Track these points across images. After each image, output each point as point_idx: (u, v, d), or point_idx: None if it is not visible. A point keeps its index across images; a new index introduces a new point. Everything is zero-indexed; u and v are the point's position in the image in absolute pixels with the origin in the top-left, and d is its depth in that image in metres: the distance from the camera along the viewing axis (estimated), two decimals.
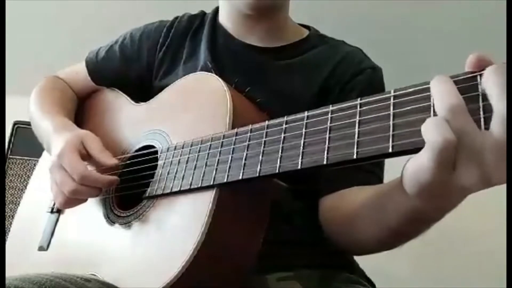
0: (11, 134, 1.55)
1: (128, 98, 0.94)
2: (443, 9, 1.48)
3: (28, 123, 1.01)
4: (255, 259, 0.66)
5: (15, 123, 1.55)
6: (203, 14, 0.99)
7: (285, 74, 0.87)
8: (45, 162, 1.02)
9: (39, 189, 0.98)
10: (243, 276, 0.66)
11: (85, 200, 0.78)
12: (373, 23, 1.56)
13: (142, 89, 0.94)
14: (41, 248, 0.86)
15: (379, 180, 0.80)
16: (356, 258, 0.84)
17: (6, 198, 1.47)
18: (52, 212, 0.89)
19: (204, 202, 0.62)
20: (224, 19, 0.94)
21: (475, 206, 0.60)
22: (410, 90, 0.45)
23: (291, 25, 0.96)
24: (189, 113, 0.75)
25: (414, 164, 0.45)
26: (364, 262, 0.83)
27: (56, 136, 0.83)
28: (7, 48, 1.23)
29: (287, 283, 0.73)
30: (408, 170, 0.46)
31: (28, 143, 1.42)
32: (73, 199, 0.77)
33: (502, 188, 0.42)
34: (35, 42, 1.78)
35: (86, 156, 0.79)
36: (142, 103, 0.90)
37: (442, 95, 0.42)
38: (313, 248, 0.78)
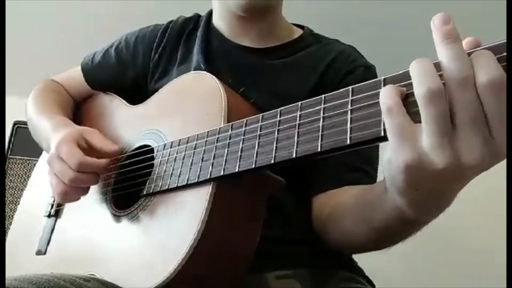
0: (11, 134, 1.56)
1: (124, 101, 0.94)
2: (441, 8, 1.48)
3: None
4: (253, 255, 0.65)
5: (15, 123, 1.56)
6: (197, 16, 0.99)
7: (279, 74, 0.87)
8: (42, 165, 1.02)
9: (37, 192, 0.98)
10: (242, 273, 0.66)
11: (86, 191, 0.78)
12: (370, 22, 1.57)
13: (138, 93, 0.93)
14: (39, 252, 0.86)
15: (372, 179, 0.80)
16: (355, 257, 0.84)
17: (6, 198, 1.48)
18: (49, 216, 0.89)
19: (201, 198, 0.62)
20: (217, 21, 0.95)
21: (473, 205, 0.59)
22: (399, 75, 0.46)
23: (285, 25, 0.95)
24: (184, 112, 0.75)
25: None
26: (363, 261, 0.83)
27: (56, 133, 0.82)
28: (7, 49, 1.24)
29: (286, 281, 0.73)
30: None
31: (28, 143, 1.42)
32: (73, 189, 0.77)
33: (501, 188, 0.42)
34: (35, 42, 1.79)
35: (86, 149, 0.78)
36: (137, 105, 0.90)
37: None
38: (313, 246, 0.77)
